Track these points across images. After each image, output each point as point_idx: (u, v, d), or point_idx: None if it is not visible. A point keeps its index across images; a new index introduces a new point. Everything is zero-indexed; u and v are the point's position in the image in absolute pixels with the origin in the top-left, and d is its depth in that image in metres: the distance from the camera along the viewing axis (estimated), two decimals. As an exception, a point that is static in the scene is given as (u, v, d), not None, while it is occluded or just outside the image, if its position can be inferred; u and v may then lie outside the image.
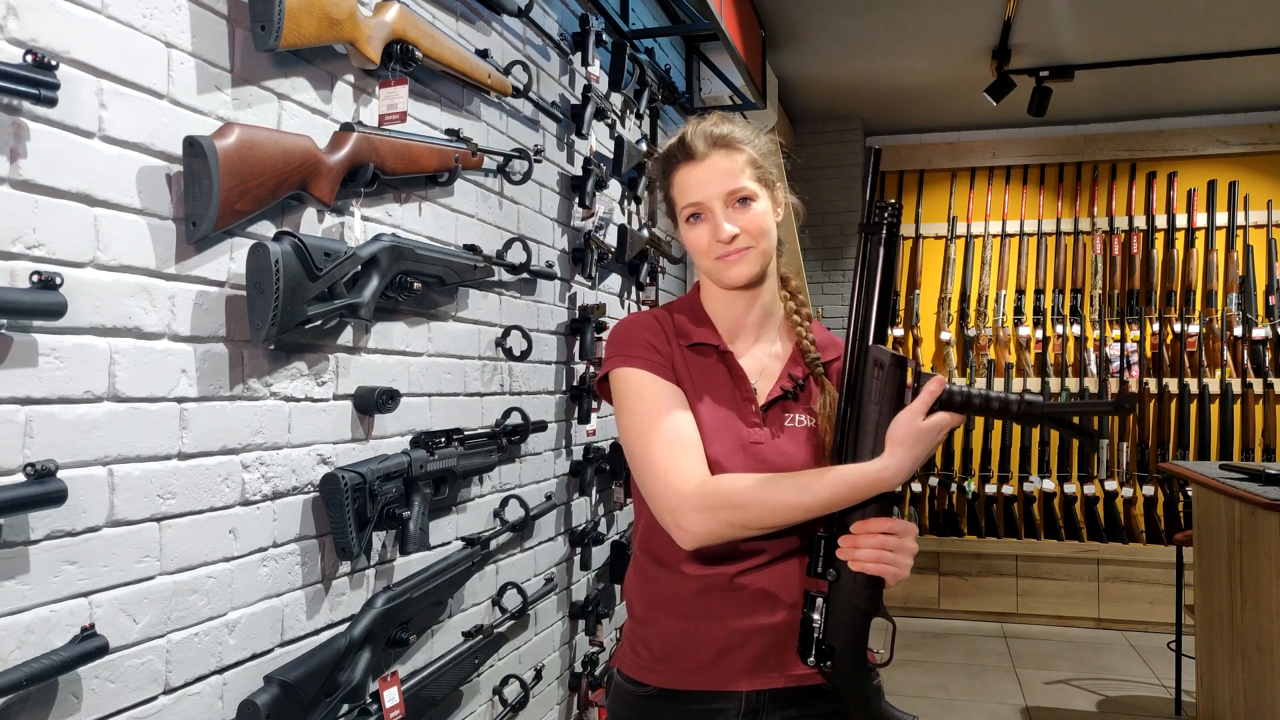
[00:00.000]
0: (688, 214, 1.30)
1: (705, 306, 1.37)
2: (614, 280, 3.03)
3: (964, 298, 5.64)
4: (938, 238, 5.79)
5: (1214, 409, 5.24)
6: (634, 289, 3.21)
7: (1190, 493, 4.97)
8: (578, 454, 2.71)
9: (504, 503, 2.22)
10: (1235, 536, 3.10)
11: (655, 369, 1.28)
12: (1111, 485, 5.32)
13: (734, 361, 1.32)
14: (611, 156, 2.86)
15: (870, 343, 1.16)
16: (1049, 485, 5.43)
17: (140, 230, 1.24)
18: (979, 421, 5.44)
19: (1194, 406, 5.25)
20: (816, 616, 1.20)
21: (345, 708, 1.60)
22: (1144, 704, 4.01)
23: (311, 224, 1.56)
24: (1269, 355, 5.22)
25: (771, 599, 1.27)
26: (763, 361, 1.34)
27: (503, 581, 2.25)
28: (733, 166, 1.27)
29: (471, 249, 2.00)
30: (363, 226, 1.67)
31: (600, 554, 2.88)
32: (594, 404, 2.69)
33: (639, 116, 3.22)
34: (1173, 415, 5.34)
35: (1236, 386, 5.23)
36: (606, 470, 2.82)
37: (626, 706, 1.33)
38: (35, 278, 1.07)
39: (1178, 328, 5.32)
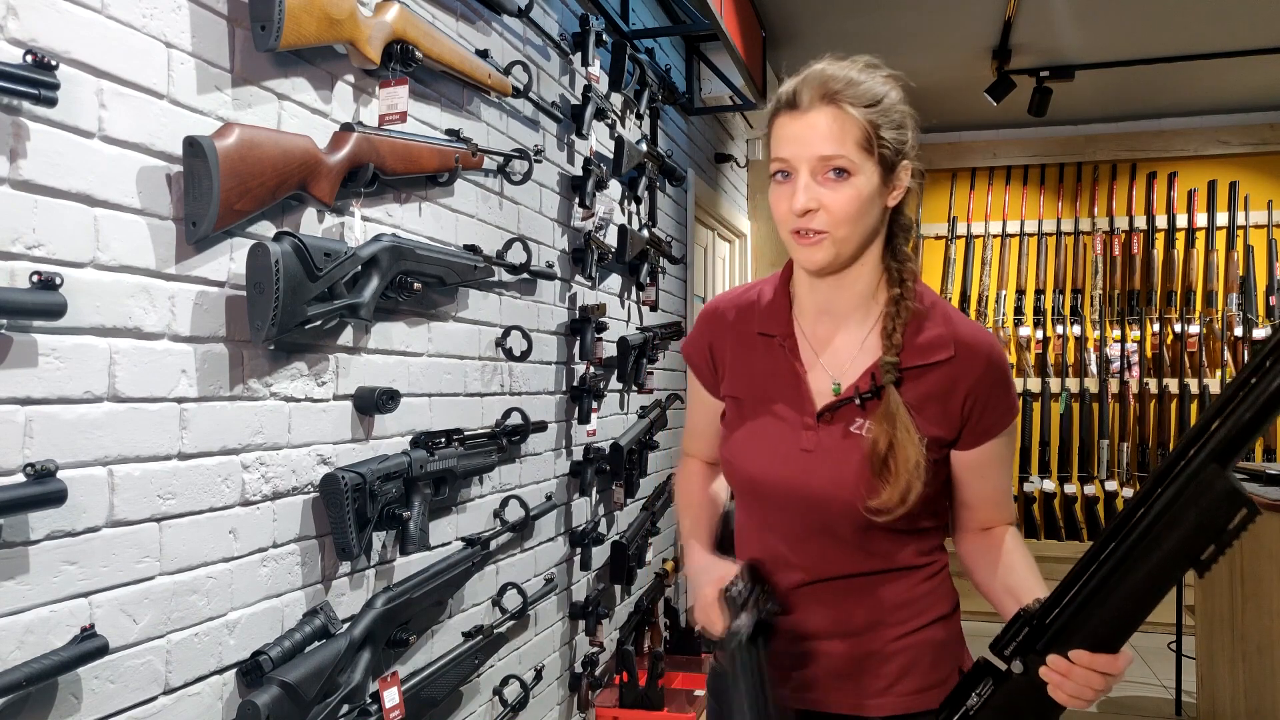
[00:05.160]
0: (775, 169, 1.13)
1: (794, 282, 1.23)
2: (614, 280, 3.03)
3: (964, 298, 5.64)
4: (938, 238, 5.79)
5: (1214, 409, 5.24)
6: (634, 289, 3.21)
7: (1190, 493, 4.96)
8: (578, 454, 2.71)
9: (504, 503, 2.22)
10: (1235, 537, 3.09)
11: (698, 371, 1.32)
12: (1112, 485, 5.32)
13: (791, 355, 1.19)
14: (611, 157, 2.86)
15: (1216, 460, 0.89)
16: (1049, 485, 5.42)
17: (140, 230, 1.24)
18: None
19: (1194, 407, 5.25)
20: (975, 697, 1.06)
21: (345, 708, 1.60)
22: (1144, 704, 4.01)
23: (311, 224, 1.56)
24: (1269, 355, 5.21)
25: (829, 628, 1.18)
26: (848, 356, 1.18)
27: (503, 582, 2.25)
28: (837, 129, 1.08)
29: (471, 249, 2.00)
30: (363, 226, 1.67)
31: (600, 554, 2.88)
32: (594, 404, 2.69)
33: (639, 116, 3.21)
34: (1173, 415, 5.34)
35: (1237, 387, 5.23)
36: (606, 470, 2.82)
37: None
38: (35, 278, 1.07)
39: (1178, 328, 5.33)
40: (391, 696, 1.69)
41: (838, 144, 1.08)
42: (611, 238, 2.87)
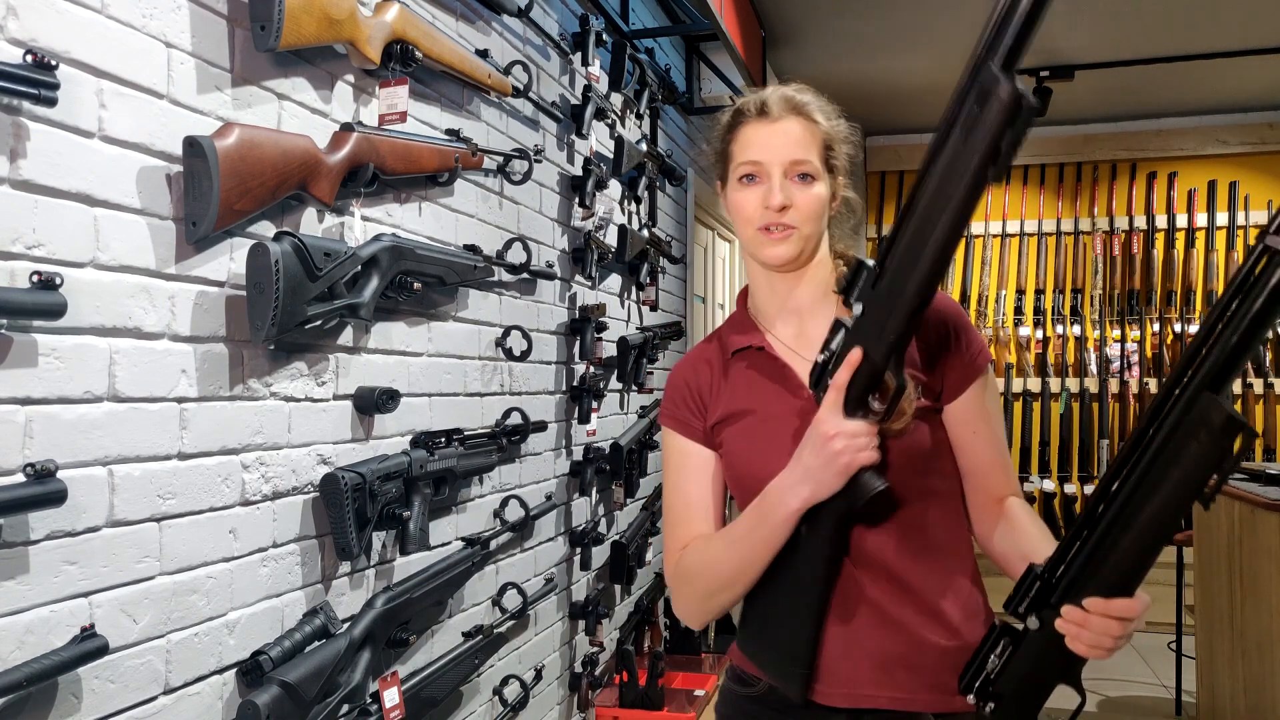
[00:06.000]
0: (742, 173, 1.20)
1: (751, 299, 1.30)
2: (614, 280, 3.03)
3: (964, 298, 5.64)
4: (938, 238, 5.79)
5: (1214, 409, 5.24)
6: (634, 289, 3.21)
7: (1190, 493, 4.96)
8: (578, 454, 2.71)
9: (504, 503, 2.22)
10: (1235, 536, 3.10)
11: (681, 427, 1.29)
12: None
13: (771, 354, 1.24)
14: (611, 156, 2.86)
15: (1209, 388, 0.87)
16: (1049, 485, 5.43)
17: (140, 230, 1.24)
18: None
19: (1194, 406, 5.25)
20: (994, 659, 1.05)
21: (345, 708, 1.60)
22: (1144, 704, 4.01)
23: (311, 224, 1.56)
24: (1269, 355, 5.22)
25: (871, 619, 1.17)
26: (819, 338, 1.20)
27: (503, 581, 2.25)
28: (805, 137, 1.19)
29: (471, 249, 2.00)
30: (363, 226, 1.67)
31: (600, 554, 2.88)
32: (594, 404, 2.69)
33: (639, 116, 3.22)
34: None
35: (1237, 386, 5.23)
36: (606, 470, 2.82)
37: (724, 704, 1.29)
38: (35, 278, 1.07)
39: (1178, 328, 5.33)
40: (391, 696, 1.69)
41: (806, 150, 1.19)
42: (611, 237, 2.88)
